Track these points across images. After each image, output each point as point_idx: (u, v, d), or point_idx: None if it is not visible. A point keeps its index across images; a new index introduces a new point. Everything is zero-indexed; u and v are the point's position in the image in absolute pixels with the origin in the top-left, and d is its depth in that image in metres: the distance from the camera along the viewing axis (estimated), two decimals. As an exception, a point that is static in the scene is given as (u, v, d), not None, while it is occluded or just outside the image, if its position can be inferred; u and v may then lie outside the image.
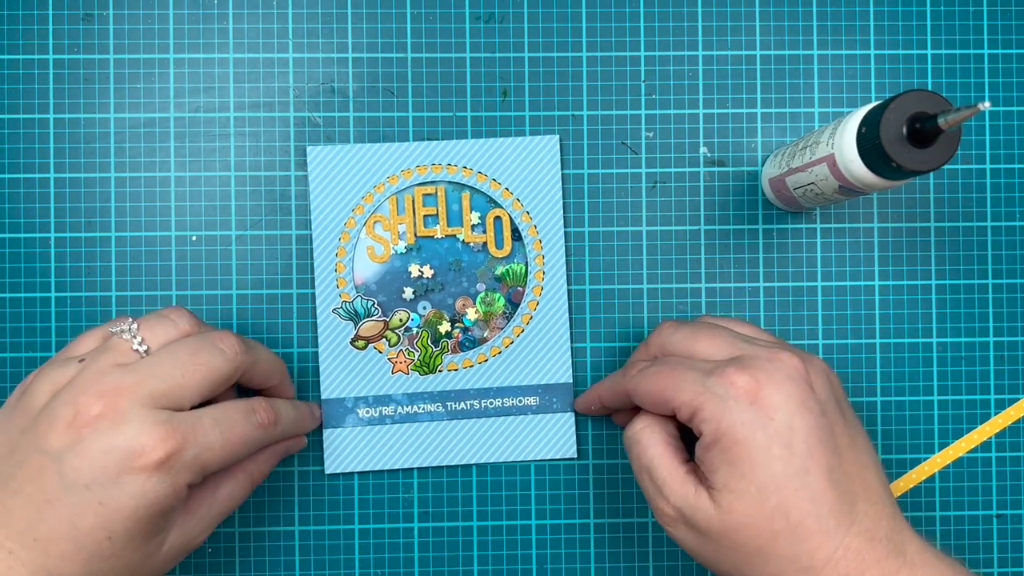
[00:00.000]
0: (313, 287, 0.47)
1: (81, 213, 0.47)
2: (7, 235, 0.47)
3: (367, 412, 0.47)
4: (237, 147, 0.47)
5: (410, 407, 0.47)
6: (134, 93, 0.47)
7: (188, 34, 0.47)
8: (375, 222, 0.47)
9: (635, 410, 0.43)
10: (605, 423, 0.48)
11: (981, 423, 0.48)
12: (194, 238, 0.47)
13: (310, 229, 0.47)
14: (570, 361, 0.47)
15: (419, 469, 0.47)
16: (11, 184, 0.47)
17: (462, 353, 0.47)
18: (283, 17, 0.47)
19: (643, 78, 0.48)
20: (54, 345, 0.46)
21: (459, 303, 0.47)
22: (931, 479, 0.48)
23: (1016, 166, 0.49)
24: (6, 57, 0.47)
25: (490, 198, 0.47)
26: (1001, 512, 0.48)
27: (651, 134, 0.48)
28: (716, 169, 0.48)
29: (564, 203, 0.48)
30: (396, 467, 0.47)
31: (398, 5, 0.48)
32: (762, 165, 0.48)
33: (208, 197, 0.47)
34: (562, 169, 0.48)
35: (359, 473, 0.47)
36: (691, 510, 0.37)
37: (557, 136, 0.47)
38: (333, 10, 0.48)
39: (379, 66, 0.48)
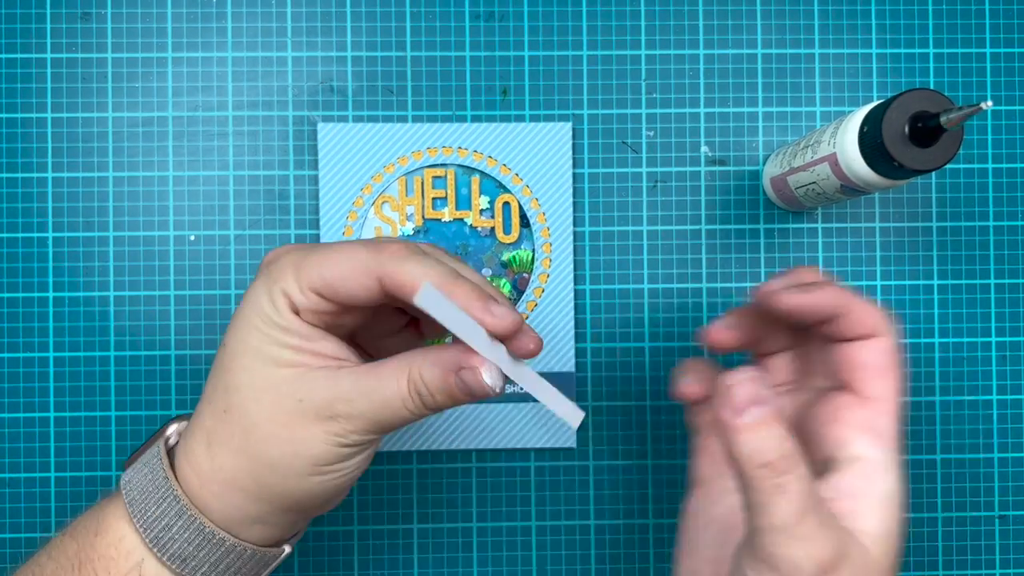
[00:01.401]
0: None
1: (79, 213, 0.47)
2: (5, 235, 0.46)
3: None
4: (236, 146, 0.47)
5: None
6: (132, 92, 0.47)
7: (187, 33, 0.47)
8: (383, 202, 0.47)
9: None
10: (606, 417, 0.48)
11: (983, 423, 0.48)
12: (192, 238, 0.47)
13: (317, 207, 0.47)
14: (573, 350, 0.47)
15: (419, 467, 0.47)
16: (9, 184, 0.46)
17: None
18: (282, 16, 0.47)
19: (644, 77, 0.48)
20: (51, 345, 0.46)
21: None
22: (932, 480, 0.48)
23: (1018, 165, 0.48)
24: (4, 56, 0.47)
25: (500, 183, 0.47)
26: (1004, 514, 0.48)
27: (652, 133, 0.48)
28: (717, 168, 0.48)
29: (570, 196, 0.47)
30: (396, 449, 0.47)
31: (397, 4, 0.47)
32: (763, 164, 0.48)
33: (206, 197, 0.47)
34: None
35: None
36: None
37: (570, 123, 0.47)
38: (332, 9, 0.47)
39: (378, 65, 0.47)
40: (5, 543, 0.46)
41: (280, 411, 0.31)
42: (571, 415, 0.32)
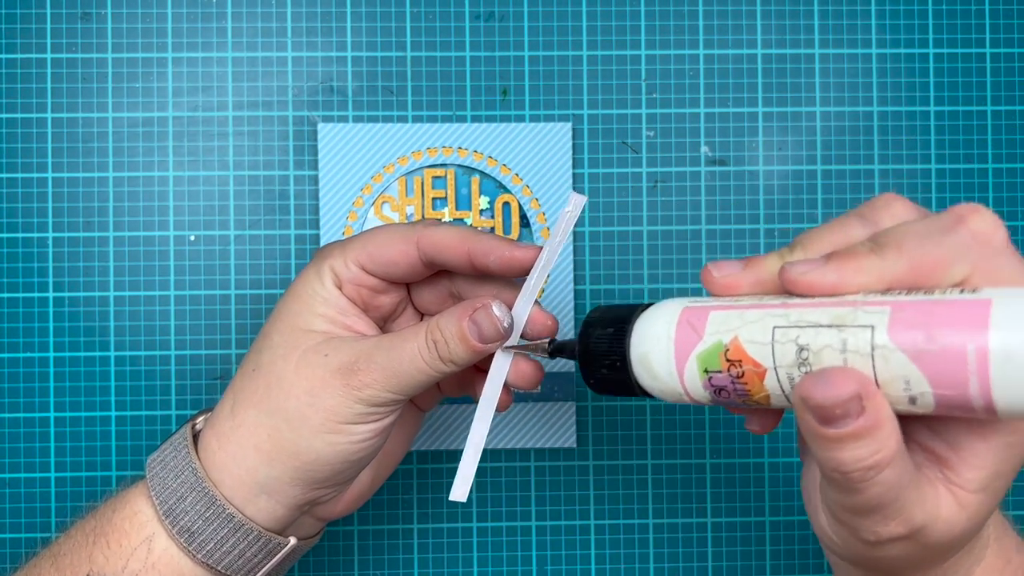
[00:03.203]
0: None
1: (79, 213, 0.47)
2: (5, 235, 0.46)
3: None
4: (236, 146, 0.47)
5: None
6: (132, 92, 0.47)
7: (187, 33, 0.47)
8: (383, 202, 0.47)
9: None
10: (605, 417, 0.48)
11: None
12: (192, 238, 0.47)
13: (317, 207, 0.47)
14: None
15: (419, 467, 0.47)
16: (9, 184, 0.46)
17: None
18: (282, 16, 0.47)
19: (644, 77, 0.48)
20: (51, 345, 0.46)
21: None
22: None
23: (1018, 165, 0.48)
24: (4, 56, 0.47)
25: (500, 183, 0.47)
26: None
27: (652, 133, 0.48)
28: (717, 168, 0.48)
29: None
30: (402, 458, 0.46)
31: (397, 4, 0.47)
32: (763, 164, 0.48)
33: (207, 197, 0.47)
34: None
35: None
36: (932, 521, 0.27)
37: (570, 123, 0.47)
38: (332, 9, 0.47)
39: (378, 65, 0.47)
40: (5, 543, 0.46)
41: (305, 365, 0.33)
42: (459, 486, 0.34)
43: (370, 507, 0.47)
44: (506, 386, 0.35)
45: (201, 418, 0.36)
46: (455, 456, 0.47)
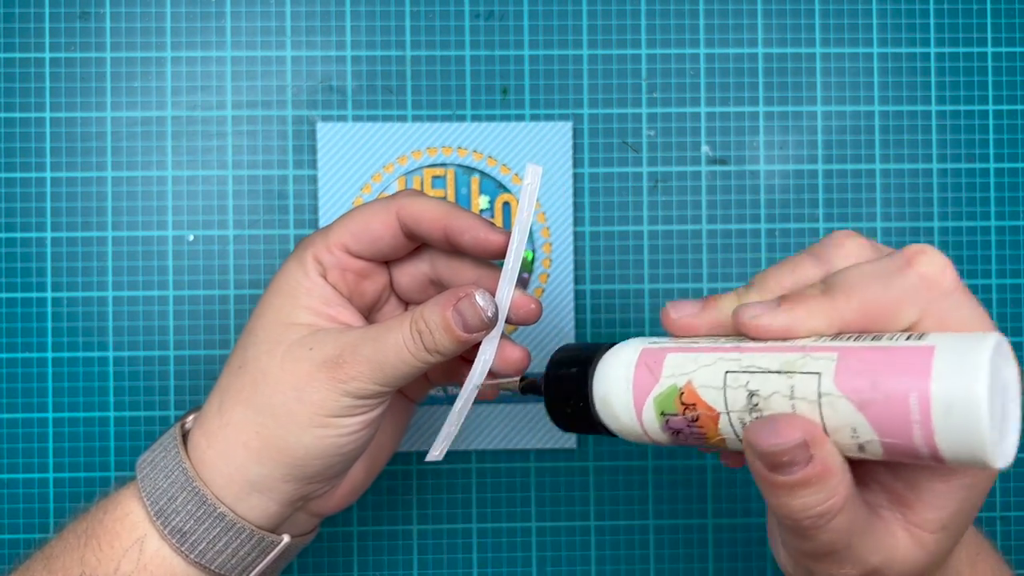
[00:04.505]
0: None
1: (78, 213, 0.46)
2: (3, 235, 0.46)
3: None
4: (235, 146, 0.47)
5: None
6: (131, 92, 0.47)
7: (186, 32, 0.47)
8: None
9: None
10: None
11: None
12: (191, 238, 0.47)
13: (316, 207, 0.47)
14: None
15: (419, 467, 0.47)
16: (7, 183, 0.46)
17: None
18: (281, 15, 0.47)
19: (644, 76, 0.48)
20: (50, 346, 0.46)
21: None
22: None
23: (1019, 165, 0.48)
24: (2, 55, 0.46)
25: (499, 183, 0.47)
26: (1005, 514, 0.48)
27: (652, 133, 0.48)
28: (718, 168, 0.48)
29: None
30: (396, 450, 0.46)
31: (397, 3, 0.47)
32: (764, 164, 0.48)
33: (205, 196, 0.47)
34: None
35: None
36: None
37: (570, 123, 0.47)
38: (332, 8, 0.47)
39: (378, 64, 0.47)
40: (3, 544, 0.46)
41: (290, 359, 0.33)
42: (438, 446, 0.34)
43: (370, 508, 0.47)
44: (492, 374, 0.34)
45: (190, 417, 0.36)
46: (455, 457, 0.47)
